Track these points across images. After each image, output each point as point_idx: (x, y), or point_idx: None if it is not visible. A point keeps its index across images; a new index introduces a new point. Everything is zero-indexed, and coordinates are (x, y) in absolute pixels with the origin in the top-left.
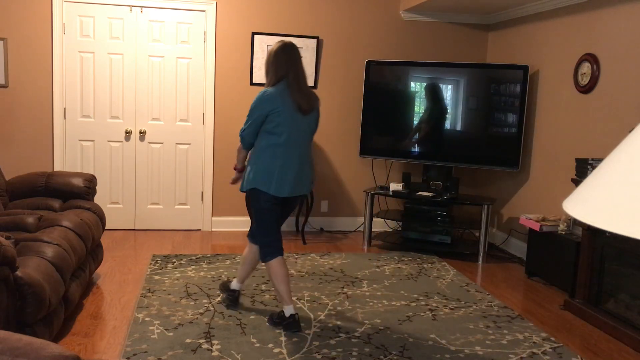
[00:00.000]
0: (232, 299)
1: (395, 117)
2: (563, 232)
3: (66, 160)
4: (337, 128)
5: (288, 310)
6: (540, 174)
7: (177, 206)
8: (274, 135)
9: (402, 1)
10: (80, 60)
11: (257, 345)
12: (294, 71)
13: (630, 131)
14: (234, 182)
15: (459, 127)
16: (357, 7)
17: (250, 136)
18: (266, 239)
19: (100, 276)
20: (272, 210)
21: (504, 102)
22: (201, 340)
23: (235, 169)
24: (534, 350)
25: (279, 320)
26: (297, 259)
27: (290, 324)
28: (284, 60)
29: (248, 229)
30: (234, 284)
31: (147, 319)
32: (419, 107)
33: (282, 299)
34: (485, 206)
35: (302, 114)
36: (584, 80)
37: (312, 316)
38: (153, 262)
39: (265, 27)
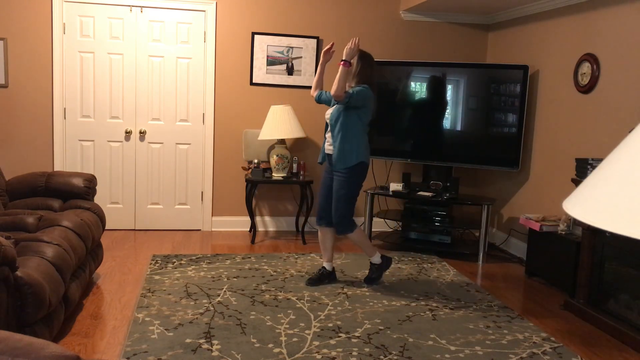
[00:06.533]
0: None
1: (395, 117)
2: (563, 232)
3: (66, 160)
4: None
5: (376, 259)
6: (540, 174)
7: (177, 206)
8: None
9: (402, 1)
10: (80, 60)
11: (257, 345)
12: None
13: (630, 131)
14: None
15: (459, 127)
16: (357, 7)
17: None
18: (351, 212)
19: (100, 276)
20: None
21: (504, 102)
22: (201, 340)
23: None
24: (534, 350)
25: (377, 273)
26: (297, 259)
27: (386, 265)
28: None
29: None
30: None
31: (147, 319)
32: (419, 107)
33: (371, 252)
34: (485, 206)
35: None
36: (584, 80)
37: (312, 316)
38: (153, 262)
39: (265, 27)
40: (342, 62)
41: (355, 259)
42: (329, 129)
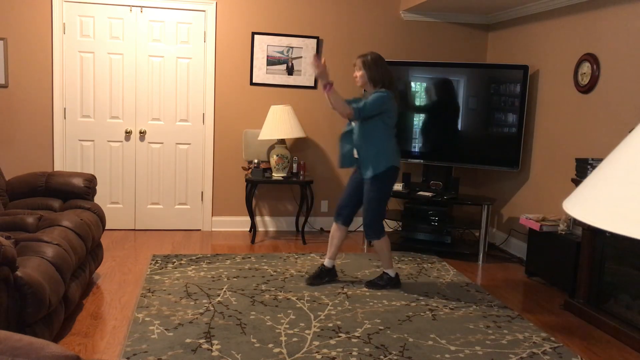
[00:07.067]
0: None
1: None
2: (563, 232)
3: (66, 160)
4: (337, 128)
5: (392, 272)
6: (540, 174)
7: (177, 206)
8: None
9: (402, 1)
10: (80, 60)
11: (257, 345)
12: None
13: (630, 131)
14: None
15: (459, 127)
16: (357, 7)
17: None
18: (382, 216)
19: (100, 276)
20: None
21: (504, 102)
22: (201, 340)
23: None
24: (534, 350)
25: (384, 283)
26: (297, 259)
27: (396, 283)
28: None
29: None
30: (327, 262)
31: (147, 319)
32: (419, 107)
33: (389, 265)
34: (485, 206)
35: None
36: (584, 80)
37: (312, 316)
38: (153, 262)
39: (265, 27)
40: (323, 89)
41: (356, 259)
42: (354, 131)
